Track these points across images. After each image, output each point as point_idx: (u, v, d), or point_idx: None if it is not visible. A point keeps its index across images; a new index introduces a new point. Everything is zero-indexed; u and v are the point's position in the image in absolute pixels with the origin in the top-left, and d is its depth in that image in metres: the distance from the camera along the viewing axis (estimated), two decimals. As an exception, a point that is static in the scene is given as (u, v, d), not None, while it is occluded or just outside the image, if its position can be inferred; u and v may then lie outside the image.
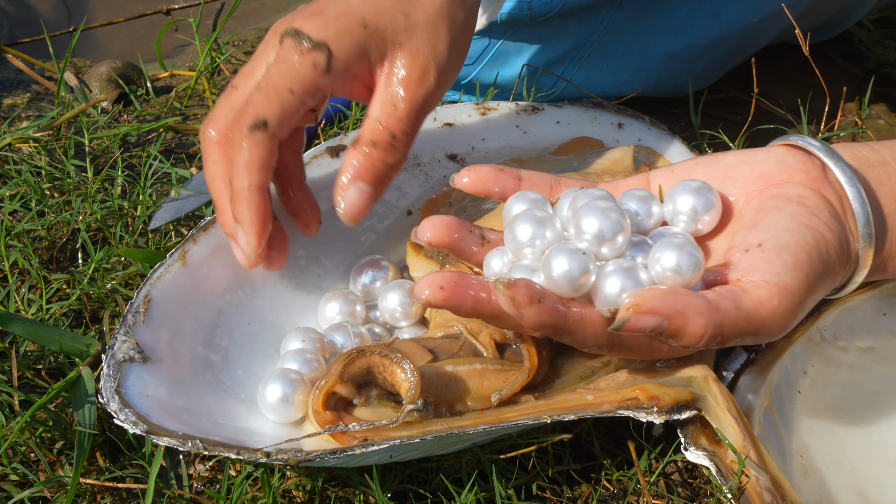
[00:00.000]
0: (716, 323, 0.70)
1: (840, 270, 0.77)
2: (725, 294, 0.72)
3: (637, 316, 0.69)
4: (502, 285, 0.70)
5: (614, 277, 0.73)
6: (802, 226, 0.75)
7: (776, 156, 0.80)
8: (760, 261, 0.74)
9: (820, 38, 1.53)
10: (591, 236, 0.75)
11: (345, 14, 0.85)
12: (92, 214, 1.09)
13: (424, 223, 0.82)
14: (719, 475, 0.76)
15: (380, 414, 0.81)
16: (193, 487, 0.86)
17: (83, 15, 1.74)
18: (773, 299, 0.72)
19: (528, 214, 0.79)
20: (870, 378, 0.93)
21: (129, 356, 0.83)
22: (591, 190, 0.81)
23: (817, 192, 0.78)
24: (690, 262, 0.72)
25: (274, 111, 0.83)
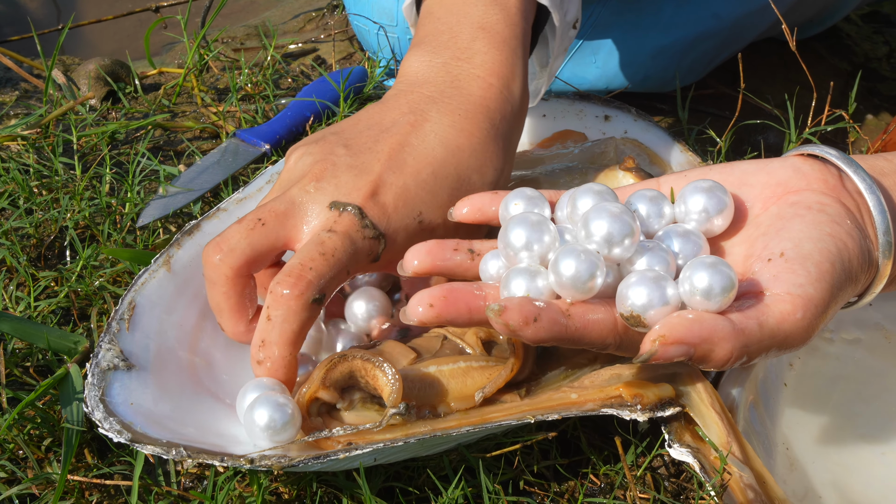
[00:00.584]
0: (742, 345, 0.69)
1: (861, 278, 0.77)
2: (749, 314, 0.71)
3: (664, 347, 0.68)
4: (493, 313, 0.69)
5: (641, 288, 0.70)
6: (825, 234, 0.74)
7: (793, 164, 0.80)
8: (784, 271, 0.73)
9: (808, 34, 1.53)
10: (601, 239, 0.73)
11: (404, 203, 0.84)
12: (80, 212, 1.09)
13: (407, 255, 0.80)
14: (703, 472, 0.76)
15: (364, 417, 0.81)
16: (181, 484, 0.87)
17: (72, 12, 1.74)
18: (797, 312, 0.71)
19: (521, 218, 0.76)
20: (856, 370, 0.93)
21: (114, 364, 0.83)
22: (592, 185, 0.80)
23: (836, 199, 0.77)
24: (722, 285, 0.70)
25: (332, 287, 0.81)
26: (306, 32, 1.62)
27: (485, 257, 0.79)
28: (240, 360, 0.90)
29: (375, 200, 0.82)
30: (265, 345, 0.79)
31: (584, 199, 0.79)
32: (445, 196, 0.85)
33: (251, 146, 1.23)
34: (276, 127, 1.25)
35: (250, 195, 1.00)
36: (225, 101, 1.34)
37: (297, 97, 1.30)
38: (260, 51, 1.49)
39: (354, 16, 1.39)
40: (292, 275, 0.79)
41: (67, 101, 1.29)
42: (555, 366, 0.85)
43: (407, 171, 0.84)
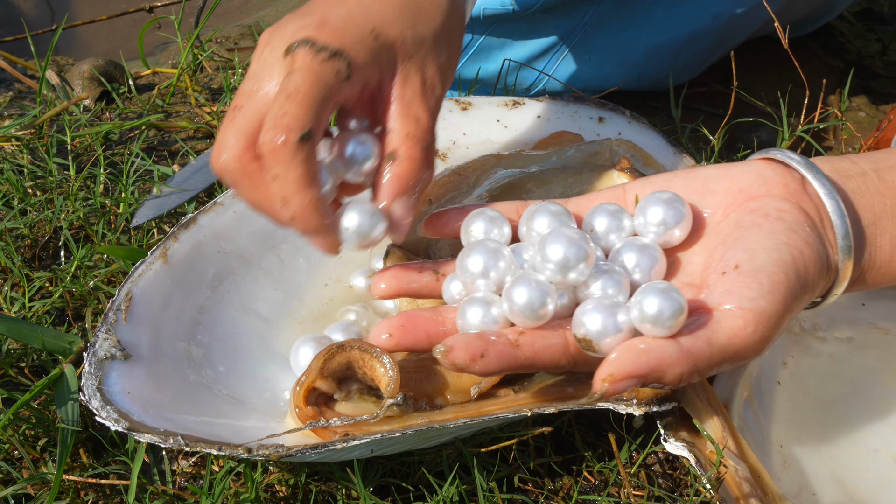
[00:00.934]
0: (691, 367, 0.70)
1: (819, 284, 0.77)
2: (699, 334, 0.71)
3: (614, 385, 0.69)
4: (440, 354, 0.70)
5: (595, 315, 0.72)
6: (781, 244, 0.75)
7: (755, 169, 0.80)
8: (737, 285, 0.73)
9: (801, 32, 1.53)
10: (556, 264, 0.74)
11: (354, 23, 0.82)
12: (74, 212, 1.09)
13: (374, 279, 0.82)
14: (698, 466, 0.76)
15: (360, 408, 0.81)
16: (177, 483, 0.87)
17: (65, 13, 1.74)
18: (748, 327, 0.71)
19: (480, 246, 0.78)
20: (849, 368, 0.93)
21: (111, 354, 0.83)
22: (548, 204, 0.81)
23: (796, 205, 0.78)
24: (672, 310, 0.70)
25: (312, 121, 0.78)
26: (300, 32, 1.62)
27: (447, 279, 0.80)
28: (237, 351, 0.91)
29: (324, 29, 0.80)
30: (285, 202, 0.77)
31: (539, 219, 0.80)
32: (394, 13, 0.84)
33: (245, 146, 1.22)
34: (270, 126, 1.25)
35: (246, 190, 1.00)
36: (219, 101, 1.34)
37: (291, 97, 1.30)
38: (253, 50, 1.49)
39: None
40: (269, 129, 0.76)
41: (61, 101, 1.29)
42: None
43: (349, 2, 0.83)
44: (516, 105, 1.14)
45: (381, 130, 0.82)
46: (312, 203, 0.77)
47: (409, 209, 0.81)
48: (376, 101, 0.83)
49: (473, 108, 1.13)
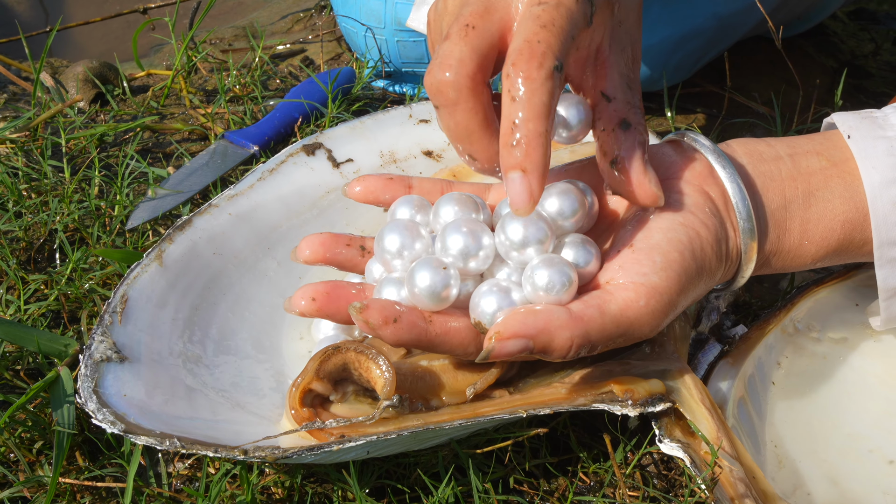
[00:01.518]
0: (582, 333, 0.71)
1: (719, 267, 0.78)
2: (590, 301, 0.73)
3: (501, 343, 0.70)
4: (355, 310, 0.72)
5: (490, 297, 0.74)
6: (677, 224, 0.76)
7: (662, 152, 0.81)
8: (630, 262, 0.74)
9: (794, 31, 1.54)
10: (457, 252, 0.77)
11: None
12: (69, 215, 1.09)
13: (301, 243, 0.84)
14: (693, 466, 0.76)
15: (356, 410, 0.81)
16: (173, 485, 0.87)
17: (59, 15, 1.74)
18: (640, 300, 0.72)
19: (396, 224, 0.80)
20: (843, 369, 0.94)
21: (107, 356, 0.83)
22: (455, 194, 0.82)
23: (699, 187, 0.78)
24: (561, 281, 0.73)
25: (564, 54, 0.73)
26: (294, 33, 1.62)
27: (369, 262, 0.83)
28: (233, 354, 0.91)
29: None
30: (517, 124, 0.71)
31: (445, 207, 0.81)
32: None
33: (240, 148, 1.23)
34: (264, 128, 1.25)
35: (241, 192, 1.00)
36: (213, 103, 1.34)
37: (286, 98, 1.30)
38: (248, 52, 1.50)
39: (342, 17, 1.39)
40: (523, 53, 0.71)
41: (56, 103, 1.29)
42: (544, 363, 0.86)
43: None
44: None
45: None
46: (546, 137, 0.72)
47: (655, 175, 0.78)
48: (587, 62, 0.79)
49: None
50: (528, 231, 0.75)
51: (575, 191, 0.79)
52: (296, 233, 1.01)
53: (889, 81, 1.53)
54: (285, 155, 1.05)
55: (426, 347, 0.75)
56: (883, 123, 0.83)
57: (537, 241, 0.75)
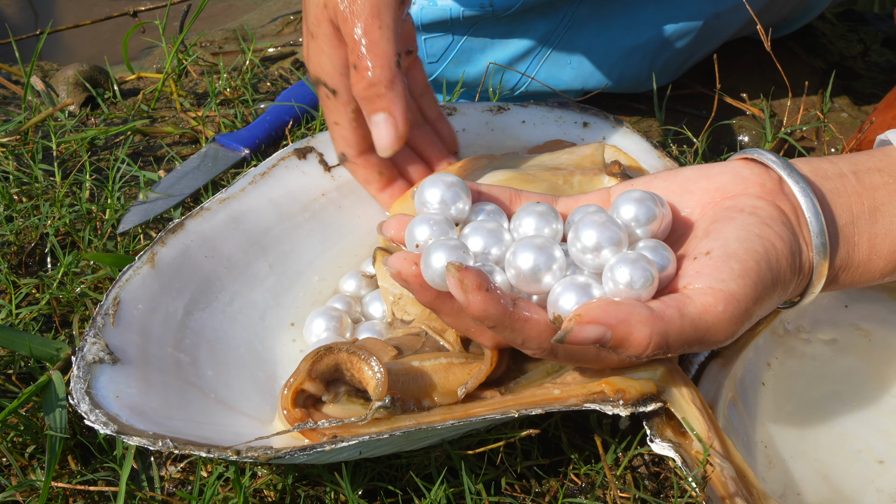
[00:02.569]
0: (661, 331, 0.71)
1: (792, 280, 0.78)
2: (670, 302, 0.72)
3: (580, 326, 0.70)
4: (454, 267, 0.71)
5: (570, 293, 0.73)
6: (753, 235, 0.76)
7: (733, 169, 0.81)
8: (707, 268, 0.74)
9: (782, 32, 1.54)
10: (528, 270, 0.76)
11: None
12: (60, 219, 1.09)
13: (389, 220, 0.83)
14: (684, 466, 0.77)
15: (349, 410, 0.81)
16: (165, 489, 0.87)
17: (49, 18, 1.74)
18: (719, 305, 0.72)
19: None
20: (832, 369, 0.94)
21: (99, 358, 0.83)
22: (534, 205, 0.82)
23: (772, 202, 0.79)
24: (643, 277, 0.73)
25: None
26: (284, 36, 1.62)
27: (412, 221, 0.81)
28: (225, 355, 0.91)
29: None
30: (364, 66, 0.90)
31: (527, 219, 0.81)
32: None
33: (231, 151, 1.23)
34: (255, 131, 1.25)
35: (233, 195, 1.01)
36: (204, 106, 1.34)
37: (277, 101, 1.30)
38: (238, 55, 1.50)
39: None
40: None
41: (46, 107, 1.29)
42: (535, 363, 0.86)
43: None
44: (501, 111, 1.15)
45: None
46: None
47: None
48: None
49: (458, 114, 1.13)
50: (601, 235, 0.75)
51: (650, 199, 0.79)
52: (287, 236, 1.01)
53: (878, 82, 1.54)
54: (277, 159, 1.05)
55: (503, 329, 0.74)
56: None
57: (612, 243, 0.75)
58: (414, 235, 0.79)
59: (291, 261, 1.01)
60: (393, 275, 0.77)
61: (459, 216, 0.82)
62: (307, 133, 1.26)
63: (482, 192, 0.85)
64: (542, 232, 0.79)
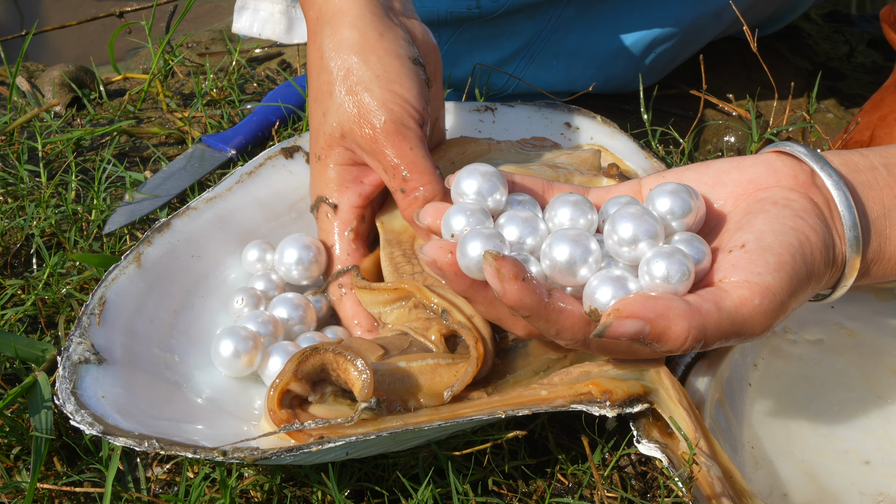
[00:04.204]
0: (698, 325, 0.71)
1: (825, 273, 0.78)
2: (706, 296, 0.72)
3: (619, 321, 0.70)
4: (491, 256, 0.71)
5: (606, 286, 0.73)
6: (787, 228, 0.76)
7: (765, 161, 0.81)
8: (743, 261, 0.74)
9: (767, 31, 1.55)
10: (564, 262, 0.75)
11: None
12: (46, 219, 1.09)
13: (427, 208, 0.84)
14: (671, 466, 0.77)
15: (335, 411, 0.81)
16: (151, 490, 0.87)
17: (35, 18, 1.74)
18: (755, 298, 0.72)
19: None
20: (818, 370, 0.94)
21: (85, 358, 0.83)
22: (568, 196, 0.82)
23: (805, 195, 0.79)
24: (680, 271, 0.73)
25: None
26: (271, 37, 1.62)
27: (449, 211, 0.81)
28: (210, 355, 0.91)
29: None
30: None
31: (562, 209, 0.80)
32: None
33: (217, 152, 1.23)
34: (241, 132, 1.25)
35: (220, 194, 1.01)
36: (190, 107, 1.34)
37: (263, 102, 1.30)
38: (225, 55, 1.49)
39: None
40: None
41: (32, 108, 1.29)
42: (523, 363, 0.86)
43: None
44: (488, 111, 1.15)
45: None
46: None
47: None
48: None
49: (446, 114, 1.13)
50: (638, 228, 0.75)
51: (685, 191, 0.79)
52: (274, 235, 1.00)
53: (863, 83, 1.54)
54: (263, 158, 1.05)
55: (538, 319, 0.74)
56: None
57: (649, 236, 0.75)
58: (450, 224, 0.79)
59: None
60: (428, 263, 0.78)
61: (497, 207, 0.82)
62: (294, 133, 1.26)
63: (515, 183, 0.85)
64: (578, 222, 0.79)
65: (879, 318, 0.97)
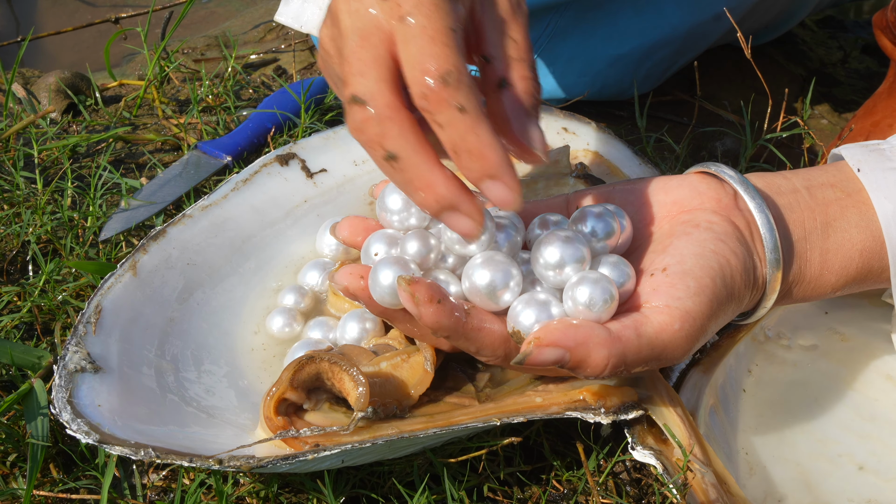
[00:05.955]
0: (618, 353, 0.71)
1: (746, 295, 0.79)
2: (627, 323, 0.73)
3: (538, 349, 0.70)
4: (405, 281, 0.71)
5: (529, 309, 0.74)
6: (708, 251, 0.76)
7: (690, 183, 0.82)
8: (664, 285, 0.75)
9: (763, 40, 1.55)
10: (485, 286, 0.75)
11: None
12: (42, 226, 1.09)
13: (344, 221, 0.83)
14: (666, 473, 0.77)
15: (331, 418, 0.81)
16: (147, 497, 0.87)
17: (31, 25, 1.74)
18: (675, 324, 0.73)
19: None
20: (812, 375, 0.95)
21: (81, 366, 0.83)
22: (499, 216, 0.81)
23: (726, 217, 0.79)
24: (602, 298, 0.73)
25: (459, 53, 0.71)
26: (267, 43, 1.62)
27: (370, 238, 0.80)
28: (207, 363, 0.91)
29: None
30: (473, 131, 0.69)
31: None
32: None
33: (213, 158, 1.23)
34: (237, 139, 1.26)
35: (215, 202, 1.01)
36: (186, 113, 1.34)
37: (259, 108, 1.30)
38: (221, 62, 1.50)
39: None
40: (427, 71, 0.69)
41: (28, 114, 1.29)
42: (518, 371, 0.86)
43: None
44: (483, 116, 1.15)
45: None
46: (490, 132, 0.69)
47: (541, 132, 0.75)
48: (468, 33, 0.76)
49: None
50: (565, 252, 0.75)
51: (609, 213, 0.80)
52: (270, 242, 1.01)
53: (857, 89, 1.55)
54: (259, 165, 1.05)
55: (457, 339, 0.74)
56: (891, 155, 0.84)
57: (575, 260, 0.75)
58: (370, 252, 0.80)
59: (273, 267, 1.01)
60: (341, 290, 0.78)
61: (422, 222, 0.81)
62: (289, 140, 1.26)
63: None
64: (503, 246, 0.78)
65: (873, 324, 0.98)
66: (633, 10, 1.34)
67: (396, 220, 0.80)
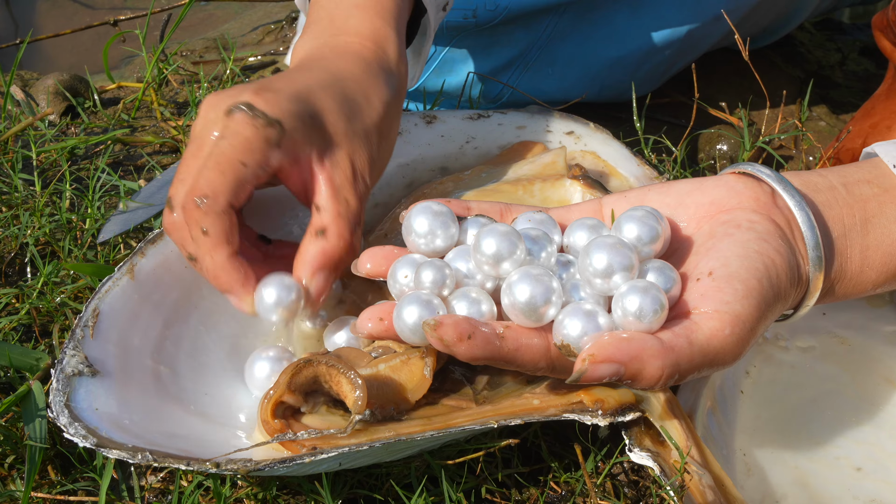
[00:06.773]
0: (672, 363, 0.71)
1: (791, 294, 0.78)
2: (679, 332, 0.72)
3: (594, 366, 0.70)
4: (429, 327, 0.71)
5: (576, 319, 0.72)
6: (752, 252, 0.76)
7: (726, 183, 0.81)
8: (711, 290, 0.74)
9: (761, 43, 1.55)
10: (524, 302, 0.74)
11: (297, 99, 0.87)
12: (40, 228, 1.09)
13: (364, 255, 0.83)
14: (663, 475, 0.77)
15: (328, 421, 0.81)
16: (145, 499, 0.87)
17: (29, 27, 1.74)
18: (725, 329, 0.73)
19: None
20: (810, 377, 0.95)
21: (79, 370, 0.83)
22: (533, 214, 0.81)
23: (767, 216, 0.79)
24: (653, 308, 0.72)
25: (228, 184, 0.84)
26: (265, 45, 1.63)
27: (395, 263, 0.81)
28: (205, 367, 0.91)
29: (267, 95, 0.85)
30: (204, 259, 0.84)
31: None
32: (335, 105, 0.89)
33: (211, 160, 1.23)
34: (235, 140, 1.25)
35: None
36: (185, 115, 1.34)
37: (257, 110, 1.30)
38: (219, 64, 1.50)
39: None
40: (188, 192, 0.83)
41: (26, 116, 1.29)
42: (515, 374, 0.86)
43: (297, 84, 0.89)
44: (481, 118, 1.15)
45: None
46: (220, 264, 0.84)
47: (328, 286, 0.87)
48: (307, 181, 0.88)
49: (438, 122, 1.14)
50: (613, 259, 0.74)
51: (653, 217, 0.79)
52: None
53: (855, 91, 1.55)
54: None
55: (497, 363, 0.74)
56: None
57: (623, 268, 0.74)
58: (397, 276, 0.80)
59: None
60: (366, 338, 0.79)
61: (449, 244, 0.81)
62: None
63: (471, 209, 0.85)
64: (539, 257, 0.78)
65: (871, 325, 0.98)
66: (632, 12, 1.34)
67: (423, 244, 0.80)
